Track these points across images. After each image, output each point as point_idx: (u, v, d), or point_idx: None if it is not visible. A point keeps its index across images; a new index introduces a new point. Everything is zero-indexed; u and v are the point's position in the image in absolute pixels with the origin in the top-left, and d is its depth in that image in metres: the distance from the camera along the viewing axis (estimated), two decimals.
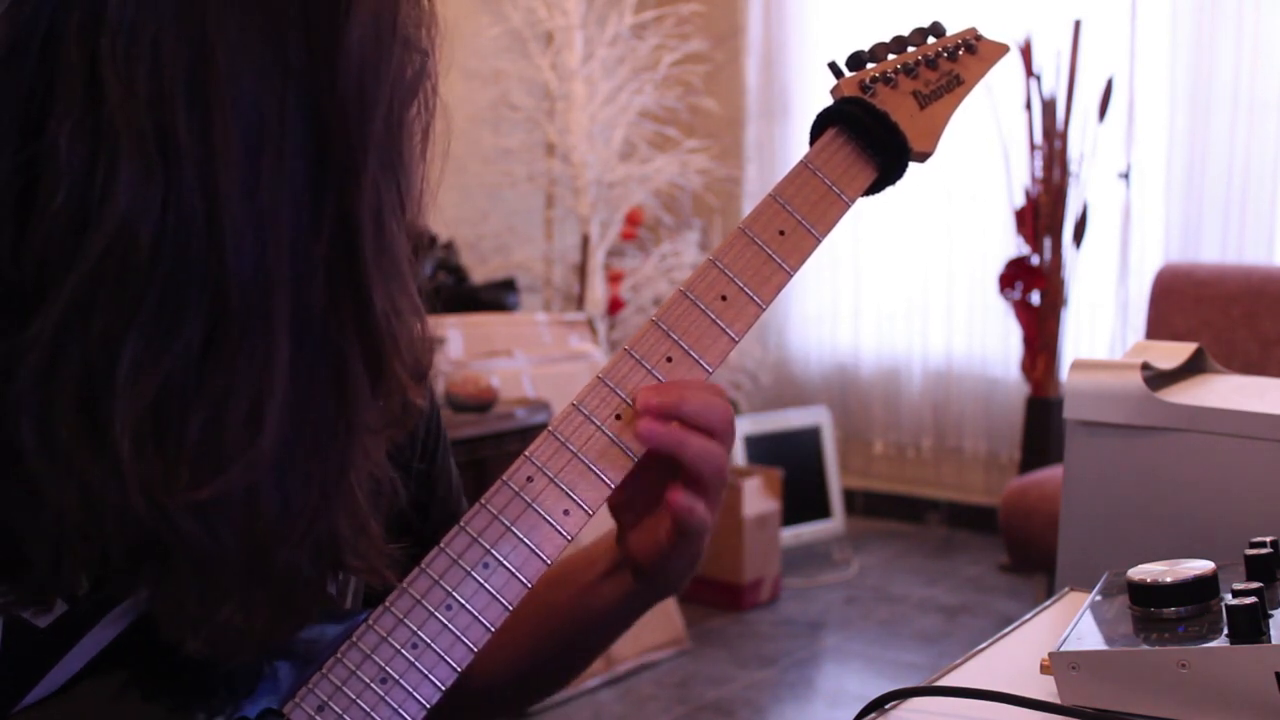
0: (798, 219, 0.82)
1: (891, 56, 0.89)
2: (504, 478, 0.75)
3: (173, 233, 0.56)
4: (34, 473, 0.58)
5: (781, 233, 0.82)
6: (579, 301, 4.21)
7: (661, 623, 3.50)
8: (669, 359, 0.78)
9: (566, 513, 0.75)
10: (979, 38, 0.94)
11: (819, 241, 0.83)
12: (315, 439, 0.61)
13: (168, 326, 0.57)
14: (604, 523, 0.82)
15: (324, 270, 0.59)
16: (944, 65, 0.91)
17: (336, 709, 0.70)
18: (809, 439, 4.48)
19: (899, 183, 0.87)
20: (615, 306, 4.20)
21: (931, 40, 0.92)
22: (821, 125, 0.85)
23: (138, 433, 0.57)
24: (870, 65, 0.88)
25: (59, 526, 0.60)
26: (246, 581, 0.62)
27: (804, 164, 0.84)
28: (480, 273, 4.14)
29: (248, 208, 0.57)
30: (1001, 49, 0.94)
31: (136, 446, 0.57)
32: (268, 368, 0.58)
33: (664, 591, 0.85)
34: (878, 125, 0.84)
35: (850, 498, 4.86)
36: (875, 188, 0.86)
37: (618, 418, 0.76)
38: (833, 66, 0.87)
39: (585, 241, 4.20)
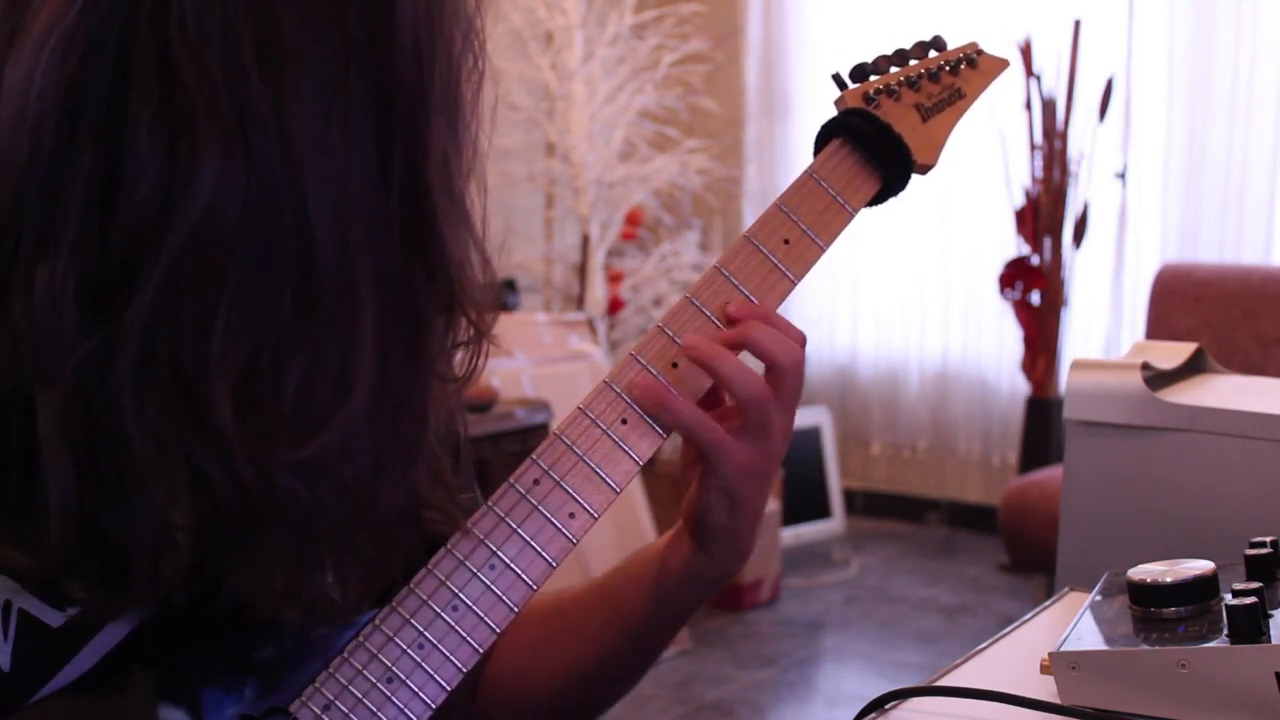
0: (802, 228, 0.83)
1: (894, 69, 0.90)
2: (511, 480, 0.75)
3: (257, 205, 0.58)
4: (139, 463, 0.59)
5: (786, 241, 0.82)
6: (579, 301, 4.21)
7: None
8: (674, 364, 0.78)
9: (572, 515, 0.75)
10: (980, 52, 0.96)
11: (823, 250, 0.83)
12: (399, 393, 0.62)
13: (256, 297, 0.58)
14: (605, 526, 0.82)
15: (398, 227, 0.61)
16: (946, 79, 0.92)
17: (343, 708, 0.70)
18: (809, 439, 4.48)
19: (901, 194, 0.88)
20: (615, 306, 4.20)
21: (933, 54, 0.93)
22: (826, 136, 0.86)
23: (236, 402, 0.58)
24: (873, 77, 0.89)
25: (161, 520, 0.61)
26: (343, 541, 0.63)
27: (809, 174, 0.84)
28: None
29: (324, 173, 0.58)
30: (1002, 64, 0.96)
31: (238, 416, 0.58)
32: (354, 327, 0.60)
33: (714, 542, 0.82)
34: (882, 137, 0.85)
35: (850, 498, 4.86)
36: (879, 199, 0.87)
37: (624, 422, 0.77)
38: (836, 78, 0.89)
39: (585, 241, 4.21)
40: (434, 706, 0.71)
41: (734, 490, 0.79)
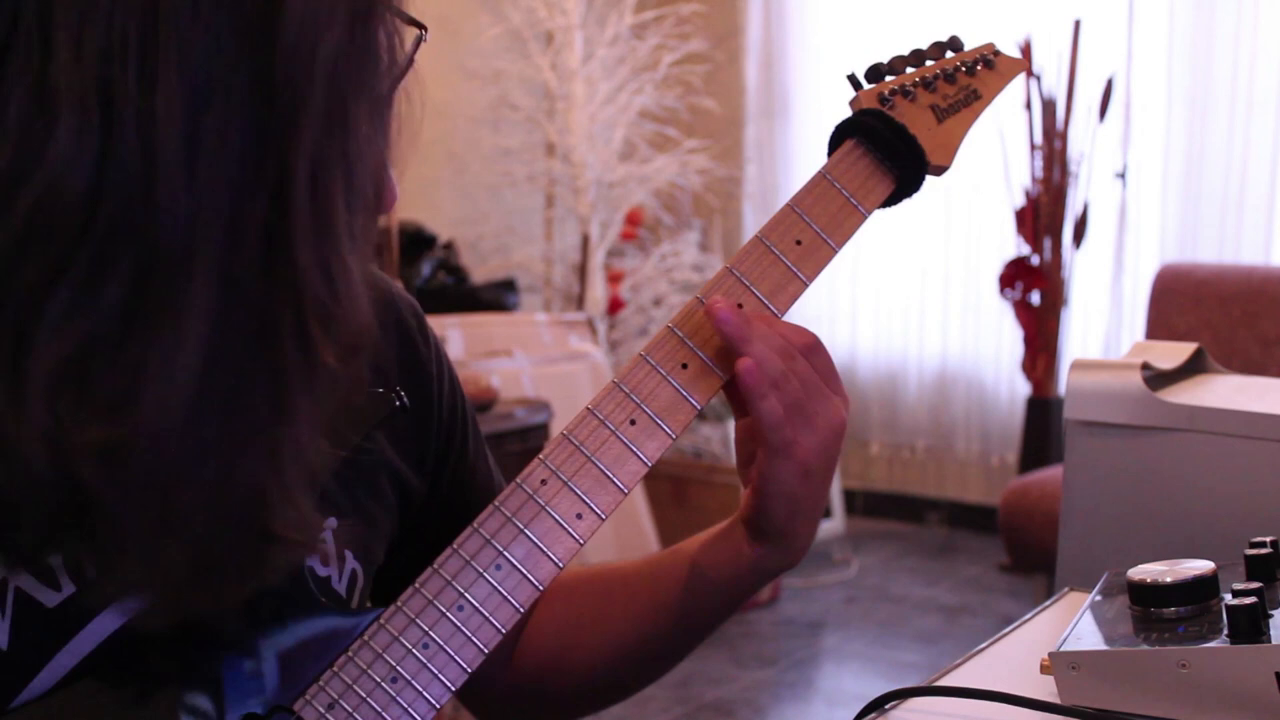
0: (815, 229, 0.82)
1: (910, 70, 0.89)
2: (518, 480, 0.75)
3: (109, 190, 0.56)
4: None
5: (798, 242, 0.82)
6: (579, 301, 4.21)
7: None
8: (685, 366, 0.78)
9: (579, 516, 0.75)
10: (997, 53, 0.94)
11: (836, 252, 0.83)
12: (234, 392, 0.61)
13: (95, 282, 0.57)
14: (606, 526, 0.82)
15: (255, 234, 0.59)
16: (962, 80, 0.91)
17: (347, 707, 0.70)
18: None
19: (915, 195, 0.87)
20: (615, 306, 4.20)
21: (950, 55, 0.92)
22: (840, 136, 0.86)
23: (50, 386, 0.57)
24: (889, 78, 0.88)
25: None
26: (156, 533, 0.61)
27: (822, 175, 0.84)
28: (480, 273, 4.14)
29: (183, 169, 0.57)
30: (1020, 65, 0.94)
31: (48, 399, 0.57)
32: (185, 324, 0.58)
33: (770, 542, 0.82)
34: (896, 138, 0.85)
35: (850, 498, 4.86)
36: (892, 200, 0.86)
37: (632, 423, 0.77)
38: (851, 79, 0.88)
39: (585, 241, 4.21)
40: (438, 706, 0.71)
41: (791, 491, 0.78)
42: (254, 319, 0.60)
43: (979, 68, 0.92)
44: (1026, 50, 4.14)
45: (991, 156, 4.38)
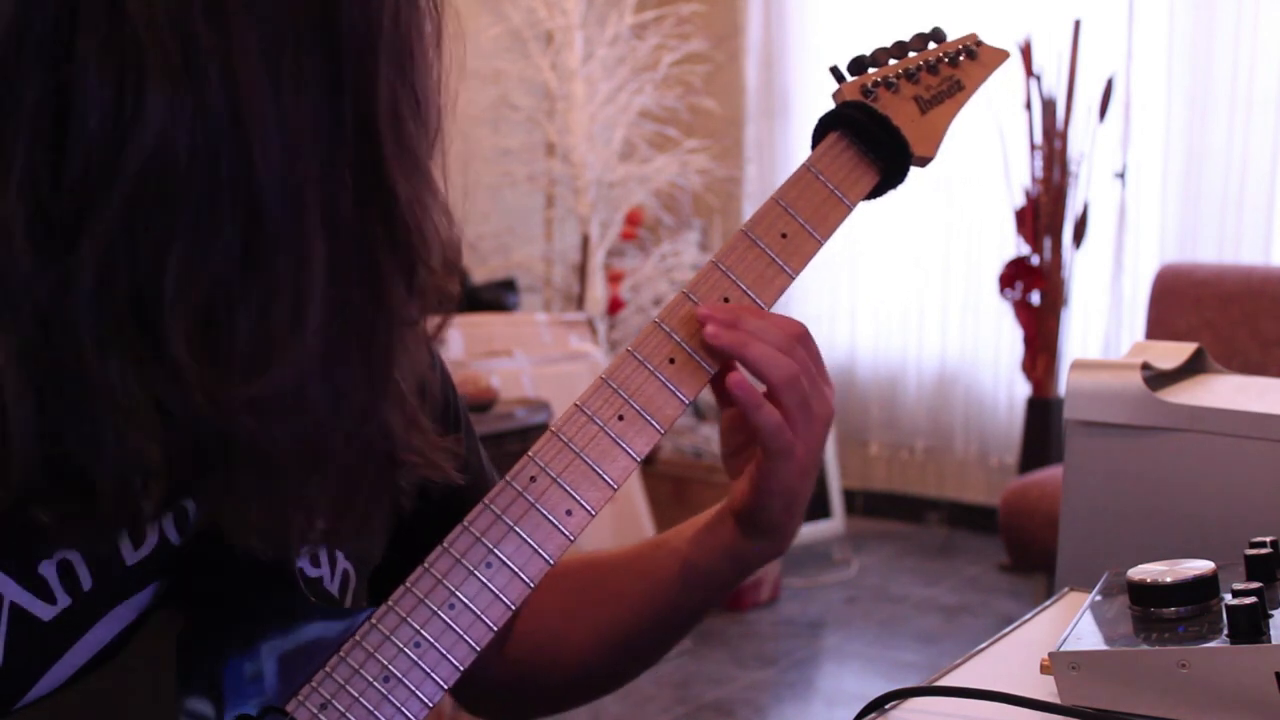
0: (800, 222, 0.82)
1: (893, 62, 0.89)
2: (507, 477, 0.75)
3: (204, 146, 0.58)
4: (99, 393, 0.60)
5: (784, 236, 0.82)
6: (579, 301, 4.21)
7: None
8: (672, 360, 0.78)
9: (569, 513, 0.75)
10: (980, 43, 0.94)
11: (821, 245, 0.83)
12: (357, 333, 0.63)
13: (208, 235, 0.59)
14: (604, 526, 0.82)
15: (349, 171, 0.62)
16: (945, 70, 0.91)
17: (339, 707, 0.70)
18: None
19: (900, 187, 0.87)
20: (615, 306, 4.20)
21: (932, 46, 0.92)
22: (824, 129, 0.86)
23: (190, 338, 0.59)
24: (871, 70, 0.88)
25: (124, 446, 0.61)
26: (304, 478, 0.64)
27: (806, 167, 0.84)
28: (480, 273, 4.14)
29: (271, 114, 0.59)
30: (1002, 55, 0.94)
31: (191, 351, 0.59)
32: (305, 267, 0.60)
33: (763, 536, 0.84)
34: (880, 129, 0.85)
35: (850, 498, 4.86)
36: (877, 191, 0.86)
37: (620, 418, 0.77)
38: (834, 71, 0.88)
39: (585, 241, 4.21)
40: (431, 705, 0.71)
41: (791, 489, 0.80)
42: (361, 257, 0.63)
43: (962, 58, 0.92)
44: (1026, 50, 4.14)
45: (991, 156, 4.38)
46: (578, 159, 4.16)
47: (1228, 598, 0.75)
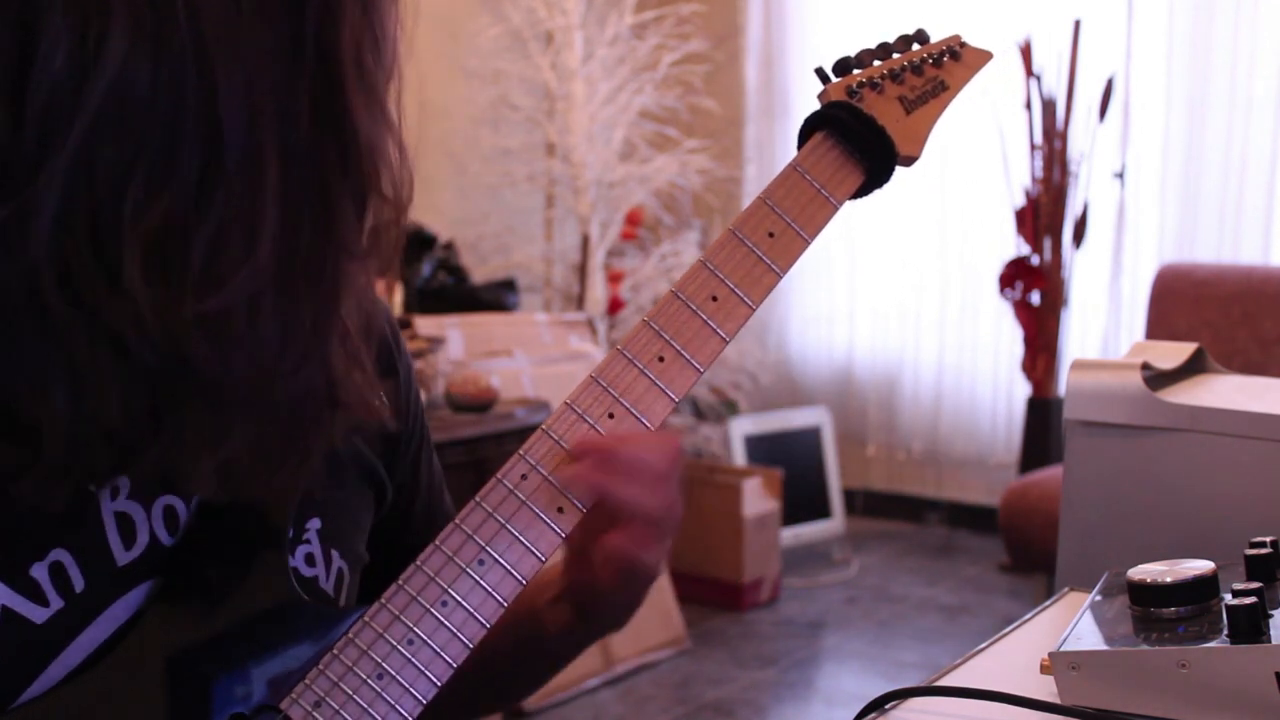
0: (787, 221, 0.83)
1: (877, 63, 0.91)
2: (498, 475, 0.76)
3: (166, 81, 0.60)
4: (57, 329, 0.61)
5: (771, 235, 0.83)
6: (579, 301, 4.21)
7: (661, 623, 3.50)
8: (661, 358, 0.79)
9: (560, 510, 0.75)
10: (963, 44, 0.96)
11: (808, 243, 0.84)
12: (307, 263, 0.64)
13: (165, 168, 0.60)
14: None
15: (307, 104, 0.63)
16: (929, 71, 0.92)
17: (333, 704, 0.70)
18: (809, 439, 4.48)
19: (886, 186, 0.88)
20: (615, 306, 4.20)
21: (916, 47, 0.93)
22: (809, 129, 0.87)
23: (145, 264, 0.60)
24: (856, 71, 0.89)
25: (78, 383, 0.62)
26: (252, 407, 0.65)
27: (792, 167, 0.85)
28: (480, 273, 4.14)
29: (233, 47, 0.60)
30: (985, 56, 0.95)
31: (145, 276, 0.60)
32: (260, 193, 0.62)
33: (601, 630, 0.87)
34: (864, 129, 0.86)
35: (850, 498, 4.86)
36: (863, 191, 0.87)
37: (610, 416, 0.77)
38: (819, 72, 0.89)
39: (585, 241, 4.20)
40: (425, 702, 0.72)
41: (643, 595, 0.82)
42: (315, 191, 0.64)
43: (946, 59, 0.94)
44: (1026, 50, 4.14)
45: (991, 156, 4.38)
46: (578, 159, 4.16)
47: (1228, 598, 0.75)
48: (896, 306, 4.84)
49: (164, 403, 0.64)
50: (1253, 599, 0.74)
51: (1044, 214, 4.18)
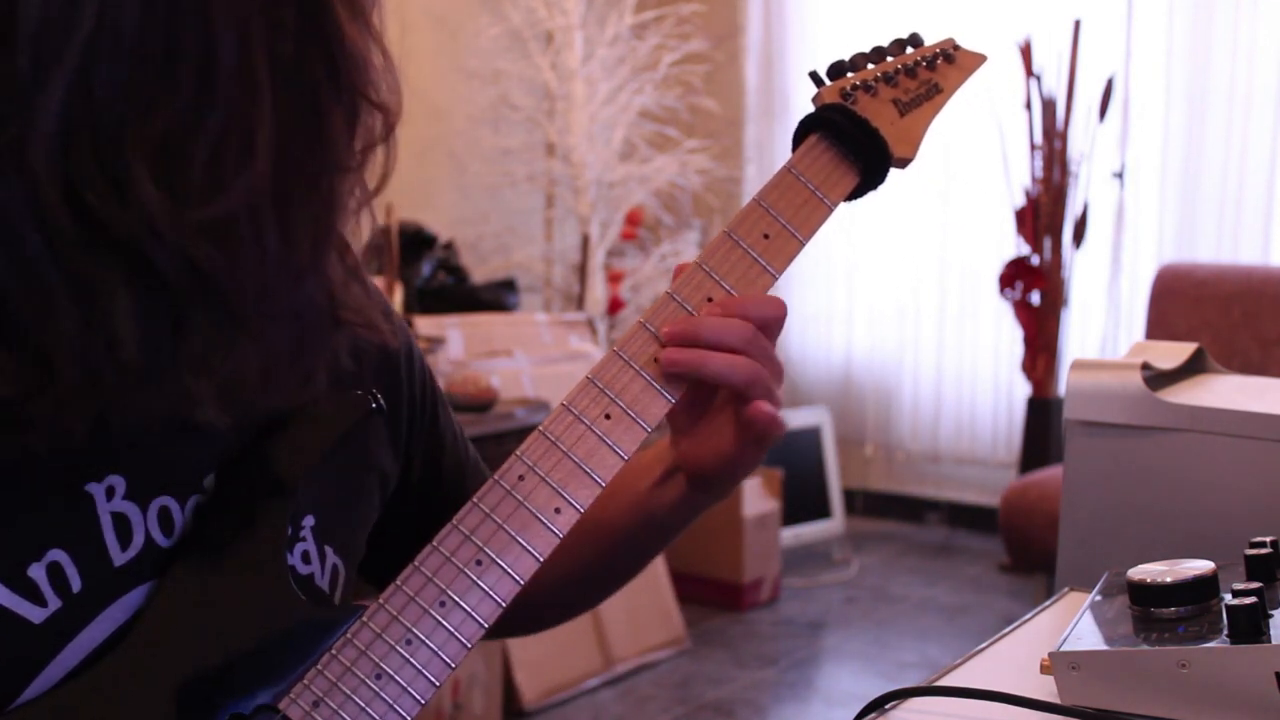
0: (782, 223, 0.84)
1: (871, 66, 0.91)
2: (495, 476, 0.76)
3: (160, 3, 0.61)
4: (65, 251, 0.61)
5: (766, 236, 0.83)
6: (579, 301, 4.21)
7: (661, 623, 3.50)
8: (657, 360, 0.79)
9: (558, 511, 0.75)
10: (957, 48, 0.96)
11: (803, 244, 0.84)
12: (304, 173, 0.65)
13: (165, 79, 0.61)
14: None
15: (294, 17, 0.64)
16: (923, 74, 0.93)
17: (332, 704, 0.70)
18: (809, 439, 4.48)
19: (881, 188, 0.89)
20: (615, 306, 4.20)
21: (910, 50, 0.94)
22: (804, 132, 0.87)
23: (152, 173, 0.61)
24: (850, 74, 0.90)
25: (88, 305, 0.62)
26: (260, 323, 0.65)
27: (787, 169, 0.85)
28: (480, 273, 4.14)
29: None
30: (979, 59, 0.96)
31: (153, 183, 0.61)
32: (253, 110, 0.62)
33: (721, 494, 0.89)
34: (859, 131, 0.86)
35: (850, 498, 4.86)
36: (858, 192, 0.88)
37: (608, 417, 0.77)
38: (814, 76, 0.90)
39: (585, 241, 4.20)
40: (423, 702, 0.72)
41: (756, 462, 0.85)
42: (306, 100, 0.64)
43: (939, 62, 0.94)
44: (1026, 50, 4.14)
45: (991, 156, 4.38)
46: (578, 159, 4.16)
47: (1228, 598, 0.75)
48: (896, 307, 4.84)
49: (172, 321, 0.64)
50: (1253, 599, 0.74)
51: (1044, 214, 4.18)
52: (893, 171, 0.89)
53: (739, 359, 0.79)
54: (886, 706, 0.83)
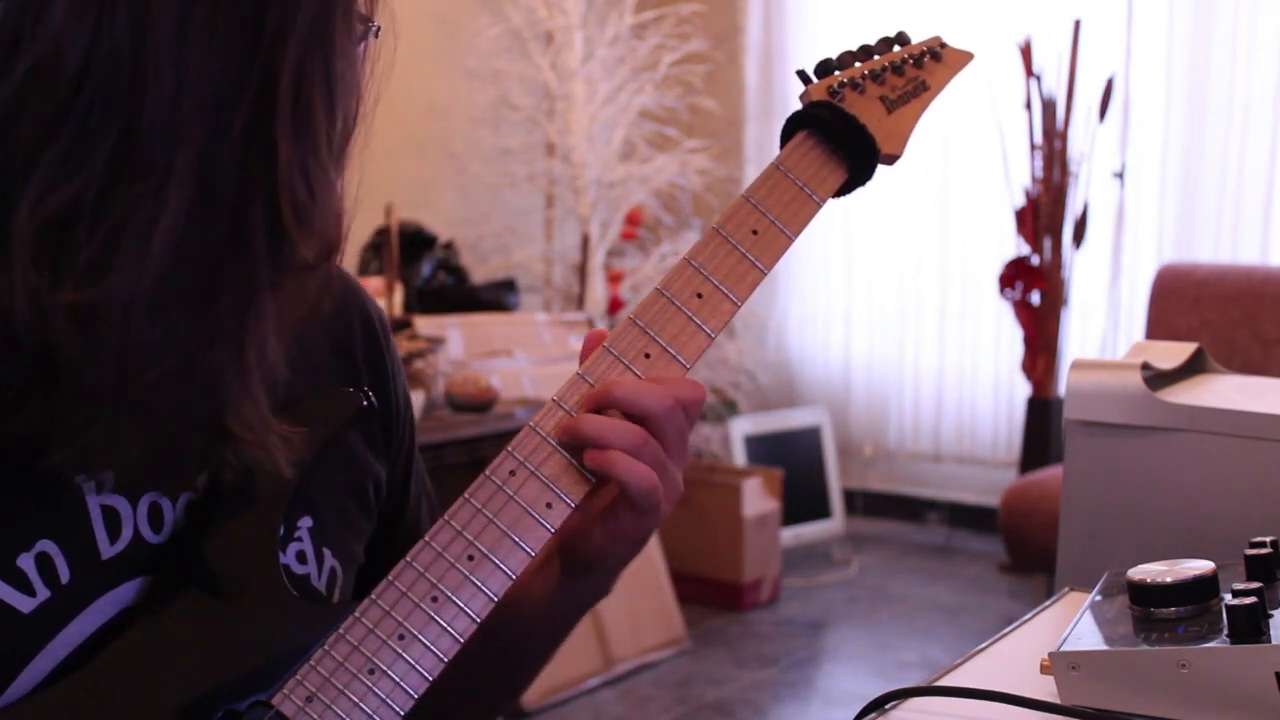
0: (770, 219, 0.84)
1: (858, 64, 0.92)
2: (486, 472, 0.76)
3: (98, 65, 0.59)
4: None
5: (755, 232, 0.83)
6: (579, 301, 4.21)
7: (661, 623, 3.50)
8: (647, 355, 0.79)
9: (549, 505, 0.76)
10: (944, 45, 0.97)
11: (791, 241, 0.85)
12: (204, 280, 0.63)
13: (78, 152, 0.60)
14: None
15: (240, 128, 0.62)
16: (910, 72, 0.93)
17: (324, 699, 0.70)
18: (809, 439, 4.48)
19: (868, 184, 0.89)
20: (615, 306, 4.19)
21: (897, 49, 0.94)
22: (792, 129, 0.87)
23: (35, 247, 0.60)
24: (838, 72, 0.90)
25: None
26: (115, 403, 0.63)
27: (775, 166, 0.86)
28: (480, 273, 4.14)
29: (172, 54, 0.60)
30: (966, 56, 0.97)
31: (32, 258, 0.60)
32: (164, 199, 0.61)
33: (593, 579, 0.85)
34: (846, 128, 0.86)
35: (850, 498, 4.86)
36: (846, 189, 0.88)
37: (598, 413, 0.77)
38: (801, 74, 0.90)
39: (585, 241, 4.20)
40: (416, 696, 0.72)
41: (644, 537, 0.80)
42: (230, 209, 0.63)
43: (926, 60, 0.95)
44: (1026, 50, 4.14)
45: (991, 156, 4.38)
46: (578, 159, 4.16)
47: (1228, 598, 0.75)
48: (896, 307, 4.84)
49: (37, 373, 0.63)
50: (1253, 599, 0.74)
51: (1044, 214, 4.18)
52: (881, 168, 0.89)
53: (637, 462, 0.75)
54: (886, 706, 0.83)
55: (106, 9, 0.59)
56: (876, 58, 0.92)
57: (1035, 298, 4.20)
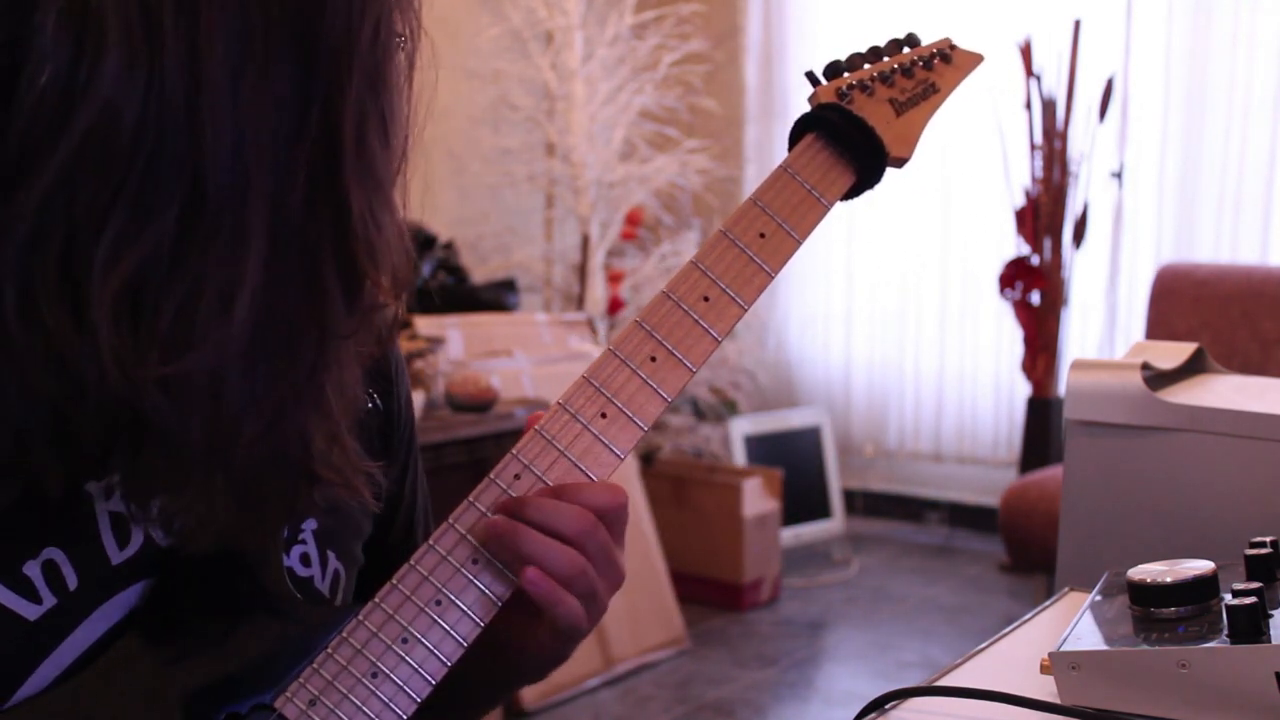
0: (778, 222, 0.83)
1: (867, 66, 0.91)
2: (491, 475, 0.76)
3: (154, 120, 0.59)
4: (14, 346, 0.60)
5: (762, 235, 0.83)
6: (579, 301, 4.21)
7: (661, 623, 3.50)
8: (653, 358, 0.79)
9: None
10: (953, 47, 0.96)
11: (799, 244, 0.84)
12: (286, 336, 0.63)
13: (146, 210, 0.59)
14: None
15: (304, 176, 0.61)
16: (919, 74, 0.93)
17: (328, 703, 0.70)
18: (809, 439, 4.48)
19: (877, 187, 0.88)
20: (615, 306, 4.20)
21: (907, 50, 0.94)
22: (800, 131, 0.87)
23: (115, 310, 0.59)
24: (847, 74, 0.90)
25: (30, 404, 0.61)
26: (208, 466, 0.63)
27: (783, 168, 0.85)
28: (480, 273, 4.14)
29: (228, 105, 0.59)
30: (976, 58, 0.96)
31: (113, 323, 0.59)
32: (241, 259, 0.60)
33: (513, 676, 0.85)
34: (855, 130, 0.86)
35: (850, 498, 4.86)
36: (854, 192, 0.88)
37: (603, 416, 0.77)
38: (810, 76, 0.89)
39: (585, 241, 4.20)
40: (419, 700, 0.72)
41: (573, 645, 0.80)
42: (302, 258, 0.62)
43: (936, 62, 0.94)
44: (1026, 50, 4.14)
45: (991, 156, 4.38)
46: (578, 159, 4.16)
47: (1228, 598, 0.75)
48: (896, 307, 4.84)
49: (120, 439, 0.63)
50: (1253, 599, 0.74)
51: (1044, 214, 4.17)
52: (889, 171, 0.89)
53: (563, 555, 0.73)
54: (886, 706, 0.83)
55: (158, 64, 0.58)
56: (886, 59, 0.92)
57: (1035, 298, 4.20)
